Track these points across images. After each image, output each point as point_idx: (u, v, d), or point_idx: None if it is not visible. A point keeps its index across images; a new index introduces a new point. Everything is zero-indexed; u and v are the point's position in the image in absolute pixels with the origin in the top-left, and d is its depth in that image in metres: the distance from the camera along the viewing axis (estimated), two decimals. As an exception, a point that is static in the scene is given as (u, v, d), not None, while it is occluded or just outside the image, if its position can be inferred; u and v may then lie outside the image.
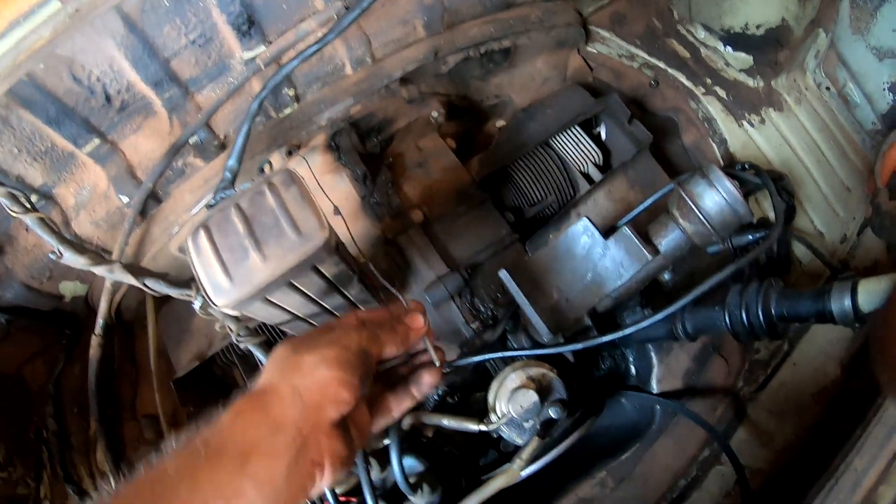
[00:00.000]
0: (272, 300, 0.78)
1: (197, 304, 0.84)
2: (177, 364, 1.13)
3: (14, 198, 0.84)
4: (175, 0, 0.89)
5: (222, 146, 1.03)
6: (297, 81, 1.02)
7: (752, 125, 1.16)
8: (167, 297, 1.16)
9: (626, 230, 0.94)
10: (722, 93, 1.17)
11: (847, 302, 0.81)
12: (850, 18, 1.02)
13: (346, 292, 0.87)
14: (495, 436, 0.99)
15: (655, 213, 0.99)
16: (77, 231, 1.04)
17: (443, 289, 1.03)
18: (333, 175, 1.09)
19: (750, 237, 1.08)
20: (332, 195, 1.06)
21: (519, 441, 0.92)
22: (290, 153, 1.04)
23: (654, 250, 0.94)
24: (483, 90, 1.21)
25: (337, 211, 1.06)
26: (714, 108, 1.17)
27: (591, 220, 0.96)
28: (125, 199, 1.01)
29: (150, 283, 0.85)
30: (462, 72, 1.15)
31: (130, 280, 0.84)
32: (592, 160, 1.16)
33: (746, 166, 1.07)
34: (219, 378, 1.20)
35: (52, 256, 0.84)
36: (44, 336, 1.20)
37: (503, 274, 0.92)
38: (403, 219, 1.08)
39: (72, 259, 0.84)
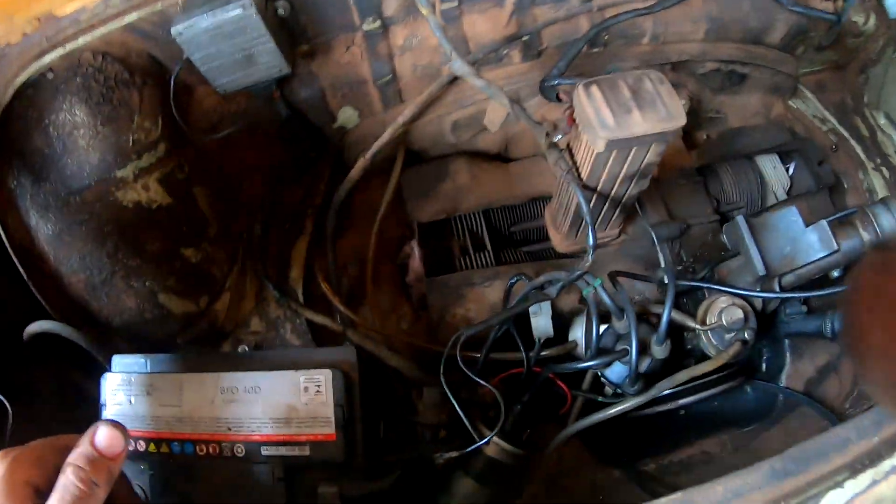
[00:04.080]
0: (610, 158, 1.21)
1: (542, 139, 1.25)
2: (419, 214, 1.49)
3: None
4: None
5: (538, 54, 1.49)
6: (611, 32, 1.51)
7: (903, 205, 1.72)
8: (411, 162, 1.57)
9: (824, 223, 1.43)
10: (886, 173, 1.73)
11: None
12: None
13: (636, 185, 1.31)
14: (688, 346, 1.42)
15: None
16: (396, 67, 1.44)
17: (664, 230, 1.48)
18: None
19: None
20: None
21: (711, 350, 1.35)
22: (582, 81, 1.50)
23: (837, 246, 1.43)
24: (710, 102, 1.72)
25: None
26: (878, 183, 1.73)
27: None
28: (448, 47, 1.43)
29: (516, 108, 1.25)
30: (707, 80, 1.67)
31: (502, 97, 1.25)
32: (783, 185, 1.68)
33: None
34: (434, 245, 1.56)
35: (441, 60, 1.23)
36: (287, 150, 1.54)
37: (740, 219, 1.39)
38: (640, 171, 1.55)
39: (459, 66, 1.24)
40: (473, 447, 1.23)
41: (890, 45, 1.68)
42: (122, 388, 1.28)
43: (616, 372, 1.30)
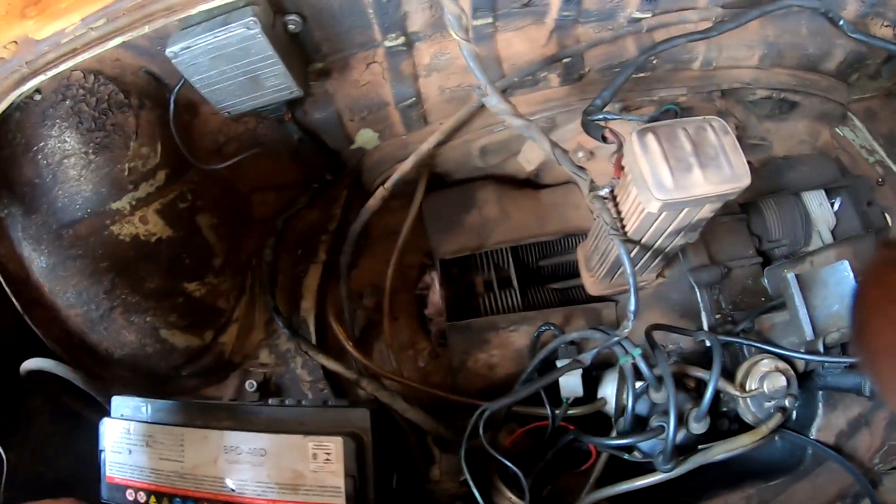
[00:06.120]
0: (667, 214, 1.02)
1: (586, 189, 1.06)
2: (442, 248, 1.32)
3: (459, 20, 1.01)
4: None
5: (580, 77, 1.28)
6: (660, 56, 1.30)
7: (947, 246, 1.53)
8: (434, 185, 1.38)
9: (878, 282, 1.26)
10: (933, 212, 1.54)
11: None
12: None
13: (683, 238, 1.13)
14: (724, 408, 1.26)
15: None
16: (421, 89, 1.24)
17: (704, 276, 1.31)
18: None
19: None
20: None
21: (749, 416, 1.19)
22: (623, 109, 1.30)
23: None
24: (755, 129, 1.53)
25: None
26: (920, 220, 1.54)
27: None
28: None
29: (558, 153, 1.06)
30: (756, 107, 1.47)
31: (543, 142, 1.05)
32: (828, 223, 1.49)
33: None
34: (457, 277, 1.39)
35: (476, 91, 1.04)
36: (300, 173, 1.36)
37: (790, 276, 1.21)
38: (683, 206, 1.36)
39: (493, 101, 1.03)
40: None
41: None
42: (121, 436, 1.15)
43: (649, 443, 1.15)
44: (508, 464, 1.10)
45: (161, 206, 1.18)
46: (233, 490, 1.08)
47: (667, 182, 0.96)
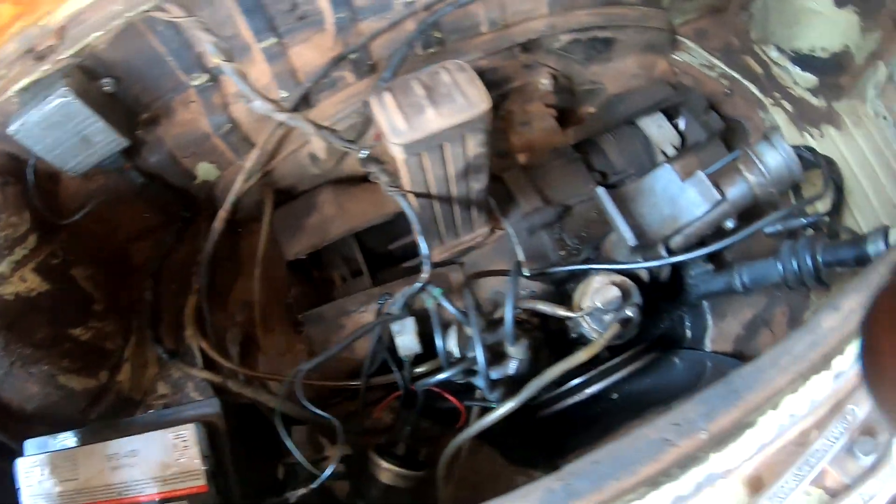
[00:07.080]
0: (424, 162, 1.09)
1: (360, 155, 1.14)
2: (288, 251, 1.41)
3: (219, 49, 1.14)
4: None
5: (373, 68, 1.38)
6: (443, 28, 1.39)
7: (811, 137, 1.51)
8: (283, 200, 1.48)
9: (701, 174, 1.26)
10: (788, 106, 1.53)
11: (881, 243, 1.12)
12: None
13: (473, 181, 1.19)
14: (574, 334, 1.27)
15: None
16: (233, 115, 1.37)
17: (538, 218, 1.35)
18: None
19: (804, 220, 1.40)
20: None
21: (594, 335, 1.20)
22: (424, 84, 1.38)
23: (722, 195, 1.25)
24: (582, 75, 1.58)
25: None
26: (780, 118, 1.53)
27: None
28: (284, 94, 1.35)
29: (325, 133, 1.15)
30: (569, 53, 1.53)
31: (309, 128, 1.15)
32: (672, 142, 1.51)
33: (803, 148, 1.40)
34: (317, 278, 1.47)
35: (243, 102, 1.16)
36: (160, 215, 1.49)
37: (600, 191, 1.24)
38: (509, 159, 1.42)
39: (259, 105, 1.15)
40: (317, 482, 1.12)
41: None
42: (31, 471, 1.26)
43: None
44: (320, 412, 1.14)
45: (36, 265, 1.32)
46: (119, 494, 1.18)
47: (401, 126, 1.03)
